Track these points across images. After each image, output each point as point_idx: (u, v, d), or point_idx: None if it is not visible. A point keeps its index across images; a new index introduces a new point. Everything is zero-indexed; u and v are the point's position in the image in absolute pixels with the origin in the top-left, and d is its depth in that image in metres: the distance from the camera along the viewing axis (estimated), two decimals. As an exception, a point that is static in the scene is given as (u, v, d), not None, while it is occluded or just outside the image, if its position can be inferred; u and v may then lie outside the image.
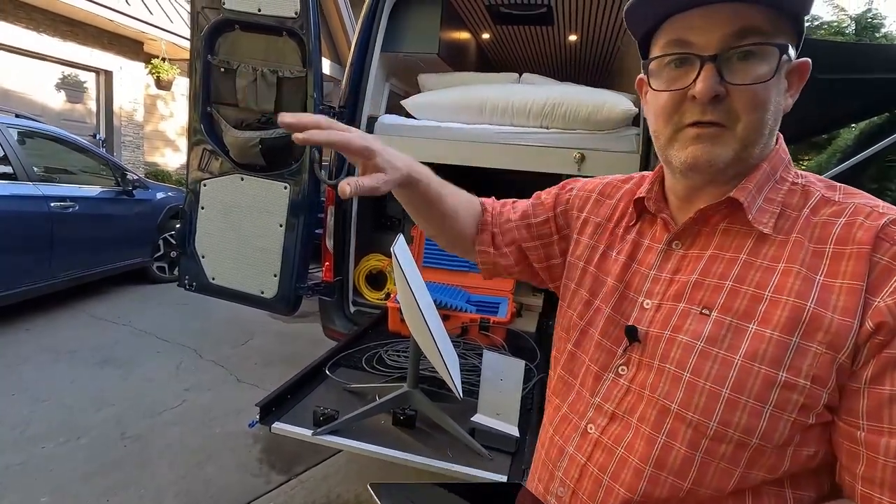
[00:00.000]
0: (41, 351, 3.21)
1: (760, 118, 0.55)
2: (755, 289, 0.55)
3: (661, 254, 0.64)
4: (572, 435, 0.65)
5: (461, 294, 2.29)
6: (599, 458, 0.61)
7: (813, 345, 0.50)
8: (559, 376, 0.73)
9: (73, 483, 2.07)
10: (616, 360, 0.63)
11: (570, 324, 0.72)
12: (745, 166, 0.59)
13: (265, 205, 2.39)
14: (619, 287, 0.67)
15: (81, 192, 3.84)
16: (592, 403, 0.64)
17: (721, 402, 0.53)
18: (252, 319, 3.86)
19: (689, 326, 0.57)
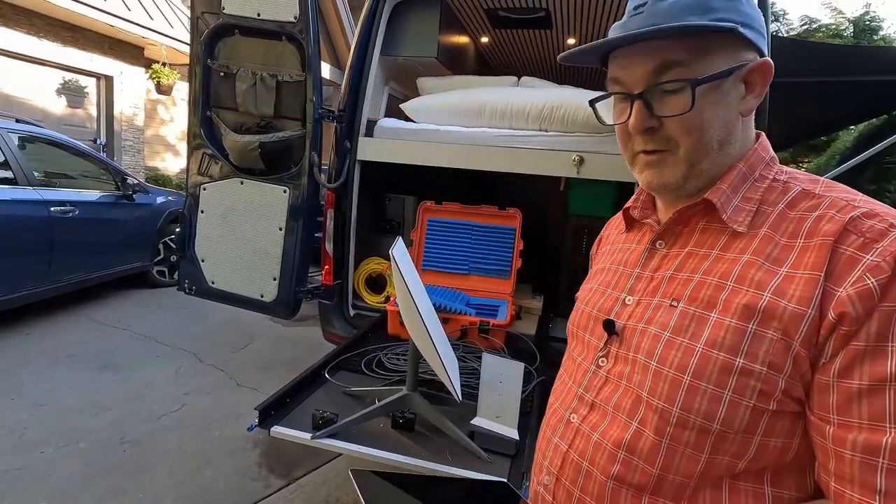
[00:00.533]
0: (41, 355, 3.21)
1: (699, 139, 0.59)
2: (719, 279, 0.58)
3: (645, 253, 0.69)
4: (558, 426, 0.69)
5: (460, 297, 2.29)
6: (579, 445, 0.65)
7: (769, 332, 0.52)
8: (557, 379, 0.77)
9: (71, 487, 2.07)
10: (598, 353, 0.67)
11: (569, 334, 0.78)
12: (708, 177, 0.62)
13: (265, 208, 2.40)
14: (606, 290, 0.72)
15: (81, 196, 3.84)
16: (577, 395, 0.68)
17: (682, 388, 0.56)
18: (252, 323, 3.86)
19: (658, 318, 0.61)
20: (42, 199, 3.45)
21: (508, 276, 2.41)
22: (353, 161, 2.42)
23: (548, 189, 2.86)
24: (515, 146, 2.22)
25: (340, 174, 2.42)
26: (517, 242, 2.40)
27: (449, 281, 2.46)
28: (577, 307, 0.78)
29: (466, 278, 2.47)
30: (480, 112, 2.33)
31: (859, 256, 0.50)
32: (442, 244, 2.50)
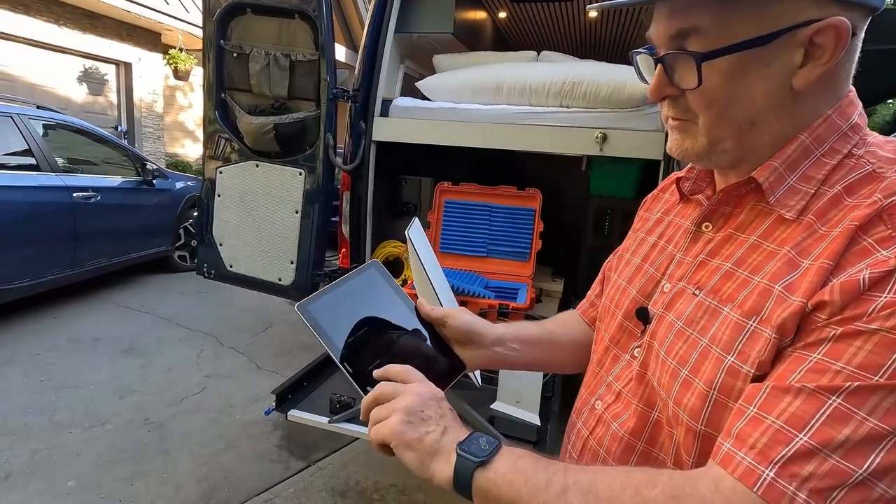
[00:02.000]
0: (68, 339, 3.28)
1: (719, 114, 0.52)
2: (748, 273, 0.51)
3: (689, 235, 0.61)
4: (583, 410, 0.67)
5: (479, 280, 2.25)
6: (598, 432, 0.62)
7: (766, 330, 0.47)
8: (589, 367, 0.72)
9: (98, 468, 2.11)
10: (634, 342, 0.63)
11: (604, 311, 0.72)
12: (735, 156, 0.54)
13: (280, 191, 2.37)
14: (648, 269, 0.65)
15: (103, 182, 3.88)
16: (605, 381, 0.65)
17: (678, 381, 0.52)
18: (271, 307, 3.88)
19: (678, 306, 0.57)
20: (64, 184, 3.50)
21: (528, 259, 2.35)
22: (369, 142, 2.37)
23: (569, 168, 2.77)
24: (535, 123, 2.14)
25: (356, 156, 2.37)
26: (537, 224, 2.34)
27: (467, 263, 2.42)
28: (616, 281, 0.71)
29: (485, 261, 2.42)
30: (498, 89, 2.25)
31: (873, 250, 0.43)
32: (459, 226, 2.45)
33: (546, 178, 2.71)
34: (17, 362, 2.93)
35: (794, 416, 0.41)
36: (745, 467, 0.42)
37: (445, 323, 0.70)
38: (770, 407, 0.43)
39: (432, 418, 0.53)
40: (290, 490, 2.05)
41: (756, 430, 0.42)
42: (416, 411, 0.53)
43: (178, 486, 2.03)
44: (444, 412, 0.55)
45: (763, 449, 0.41)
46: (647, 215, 0.74)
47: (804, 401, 0.41)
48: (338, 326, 0.63)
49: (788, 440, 0.41)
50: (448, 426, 0.53)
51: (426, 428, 0.53)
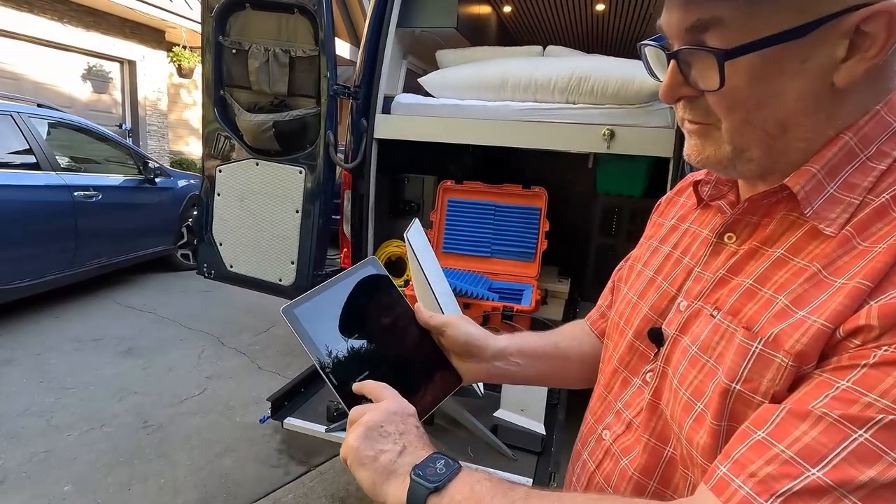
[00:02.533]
0: (68, 339, 3.26)
1: (745, 119, 0.45)
2: (773, 292, 0.44)
3: (709, 247, 0.54)
4: (589, 439, 0.62)
5: (483, 281, 2.19)
6: (606, 467, 0.57)
7: (779, 355, 0.41)
8: (596, 390, 0.66)
9: (95, 472, 2.08)
10: (647, 365, 0.56)
11: (612, 326, 0.65)
12: (763, 165, 0.47)
13: (281, 190, 2.33)
14: (662, 284, 0.58)
15: (104, 181, 3.85)
16: (614, 408, 0.59)
17: (692, 416, 0.47)
18: (273, 307, 3.80)
19: (694, 328, 0.50)
20: (65, 183, 3.47)
21: (533, 259, 2.29)
22: (370, 139, 2.32)
23: (575, 166, 2.71)
24: (540, 120, 2.08)
25: (357, 154, 2.32)
26: (542, 223, 2.28)
27: (470, 264, 2.36)
28: (626, 294, 0.64)
29: (489, 261, 2.36)
30: (503, 85, 2.19)
31: None
32: (463, 226, 2.39)
33: (552, 176, 2.65)
34: (17, 363, 2.91)
35: (808, 448, 0.36)
36: (741, 497, 0.37)
37: (444, 332, 0.65)
38: (781, 433, 0.37)
39: (391, 435, 0.49)
40: (289, 496, 2.01)
41: (760, 457, 0.37)
42: (376, 427, 0.49)
43: (176, 490, 2.00)
44: (406, 429, 0.50)
45: (765, 479, 0.36)
46: (661, 221, 0.67)
47: (823, 431, 0.36)
48: (326, 333, 0.58)
49: (797, 473, 0.35)
50: (407, 445, 0.49)
51: (382, 446, 0.48)
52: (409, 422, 0.51)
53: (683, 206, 0.65)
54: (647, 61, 0.52)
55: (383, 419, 0.50)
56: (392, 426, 0.49)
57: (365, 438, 0.48)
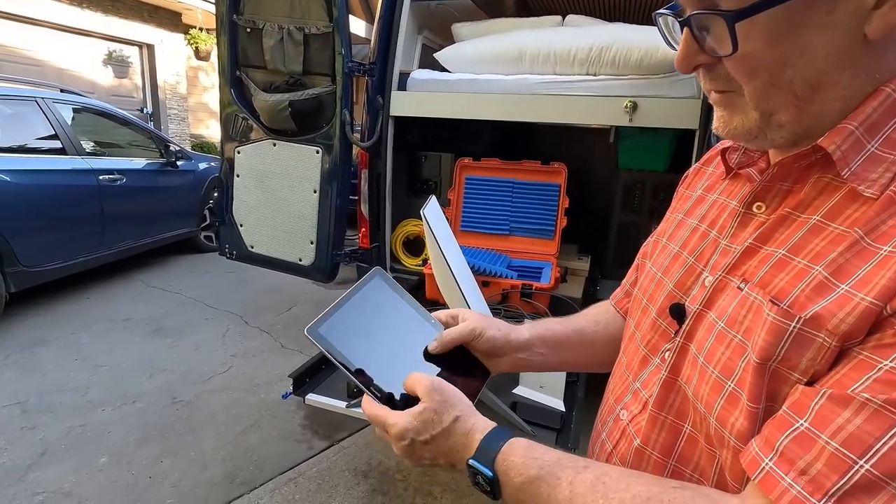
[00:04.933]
0: (100, 319, 3.36)
1: (768, 82, 0.41)
2: (807, 262, 0.41)
3: (737, 217, 0.51)
4: (607, 419, 0.60)
5: (501, 259, 2.17)
6: (622, 448, 0.55)
7: (821, 335, 0.38)
8: (616, 368, 0.64)
9: (128, 445, 2.16)
10: (666, 343, 0.54)
11: (635, 304, 0.63)
12: (796, 130, 0.43)
13: (298, 170, 2.33)
14: (687, 259, 0.55)
15: (128, 164, 3.92)
16: (632, 388, 0.57)
17: (723, 396, 0.44)
18: (295, 287, 3.89)
19: (720, 302, 0.47)
20: (91, 168, 3.54)
21: (553, 236, 2.26)
22: (386, 117, 2.29)
23: (596, 141, 2.65)
24: (560, 93, 2.03)
25: (373, 132, 2.30)
26: (562, 200, 2.24)
27: (489, 242, 2.34)
28: (650, 271, 0.62)
29: (507, 239, 2.34)
30: (521, 57, 2.13)
31: None
32: (481, 203, 2.37)
33: (572, 151, 2.59)
34: (53, 342, 3.02)
35: (853, 437, 0.34)
36: (792, 497, 0.35)
37: (467, 343, 0.63)
38: (824, 421, 0.35)
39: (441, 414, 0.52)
40: (313, 470, 2.06)
41: (807, 452, 0.35)
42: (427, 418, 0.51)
43: (204, 464, 2.07)
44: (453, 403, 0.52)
45: (817, 477, 0.34)
46: (687, 193, 0.64)
47: (868, 418, 0.34)
48: (355, 348, 0.57)
49: (846, 468, 0.33)
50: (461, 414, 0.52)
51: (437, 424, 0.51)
52: (452, 400, 0.52)
53: (711, 176, 0.61)
54: (662, 31, 0.49)
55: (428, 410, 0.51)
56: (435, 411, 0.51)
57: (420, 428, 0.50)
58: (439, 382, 0.52)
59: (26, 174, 3.14)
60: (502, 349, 0.64)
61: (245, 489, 1.95)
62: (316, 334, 0.56)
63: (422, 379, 0.53)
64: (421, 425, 0.50)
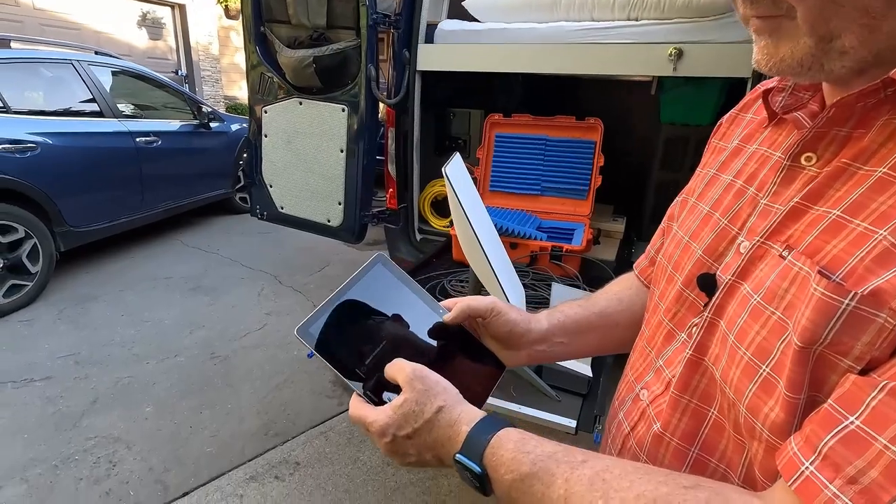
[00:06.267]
0: (143, 278, 3.51)
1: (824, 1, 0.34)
2: (869, 224, 0.34)
3: (781, 172, 0.43)
4: (626, 398, 0.55)
5: (531, 220, 2.10)
6: (640, 431, 0.50)
7: (882, 314, 0.31)
8: (637, 342, 0.59)
9: (171, 397, 2.28)
10: (694, 318, 0.48)
11: (659, 272, 0.57)
12: (864, 55, 0.35)
13: (325, 129, 2.30)
14: (719, 221, 0.48)
15: (162, 126, 3.98)
16: (655, 366, 0.52)
17: (756, 381, 0.38)
18: (327, 248, 3.94)
19: (758, 273, 0.41)
20: (127, 130, 3.61)
21: (586, 196, 2.16)
22: (413, 72, 2.21)
23: (635, 93, 2.48)
24: (598, 41, 1.88)
25: (399, 88, 2.22)
26: (597, 157, 2.12)
27: (519, 203, 2.26)
28: (676, 235, 0.55)
29: (538, 199, 2.25)
30: (555, 3, 1.98)
31: None
32: (511, 162, 2.28)
33: (609, 105, 2.44)
34: (101, 299, 3.18)
35: None
36: None
37: (483, 322, 0.58)
38: (882, 420, 0.29)
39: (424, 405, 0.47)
40: (343, 424, 2.12)
41: (859, 456, 0.29)
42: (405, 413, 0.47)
43: (241, 417, 2.16)
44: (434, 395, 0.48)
45: (871, 487, 0.29)
46: (721, 144, 0.56)
47: None
48: (350, 347, 0.52)
49: None
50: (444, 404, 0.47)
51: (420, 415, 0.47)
52: (434, 390, 0.47)
53: (750, 123, 0.53)
54: None
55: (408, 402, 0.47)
56: (416, 402, 0.47)
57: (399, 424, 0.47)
58: (421, 370, 0.48)
59: (67, 136, 3.23)
60: (520, 339, 0.58)
61: (279, 441, 2.03)
62: (306, 334, 0.52)
63: (403, 367, 0.48)
64: (402, 419, 0.46)
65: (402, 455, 0.47)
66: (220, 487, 1.81)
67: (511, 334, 0.58)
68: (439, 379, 0.48)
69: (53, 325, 2.85)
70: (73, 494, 1.76)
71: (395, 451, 0.47)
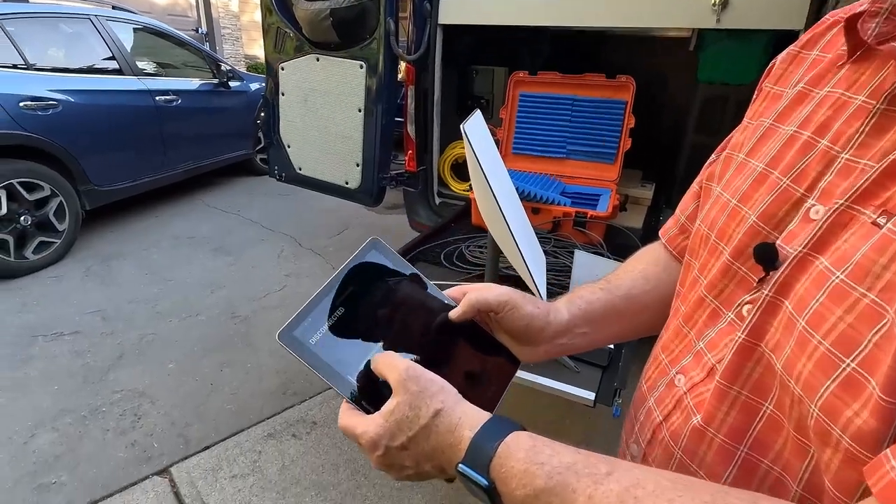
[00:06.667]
0: (167, 237, 3.56)
1: None
2: None
3: (870, 119, 0.35)
4: (658, 382, 0.48)
5: (555, 184, 2.01)
6: (675, 421, 0.43)
7: None
8: (671, 320, 0.51)
9: (193, 354, 2.32)
10: (746, 295, 0.41)
11: (698, 241, 0.49)
12: None
13: (342, 87, 2.22)
14: (779, 180, 0.40)
15: (182, 84, 3.94)
16: (694, 348, 0.44)
17: (836, 378, 0.30)
18: (348, 211, 3.92)
19: (841, 245, 0.34)
20: (147, 88, 3.59)
21: (614, 160, 2.06)
22: (434, 26, 2.09)
23: (671, 49, 2.32)
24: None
25: (420, 44, 2.12)
26: (627, 119, 2.00)
27: (543, 166, 2.17)
28: (720, 197, 0.47)
29: (564, 163, 2.15)
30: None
31: None
32: (536, 123, 2.17)
33: (642, 62, 2.29)
34: (126, 256, 3.24)
35: None
36: None
37: (497, 316, 0.51)
38: None
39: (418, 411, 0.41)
40: (360, 387, 2.13)
41: None
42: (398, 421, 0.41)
43: (260, 376, 2.19)
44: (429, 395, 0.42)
45: None
46: (777, 90, 0.47)
47: None
48: (342, 351, 0.46)
49: None
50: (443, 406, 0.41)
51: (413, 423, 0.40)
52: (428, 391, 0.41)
53: (817, 63, 0.44)
54: None
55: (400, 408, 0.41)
56: (409, 405, 0.40)
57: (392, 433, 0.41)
58: (414, 368, 0.41)
59: (88, 94, 3.22)
60: (539, 333, 0.51)
61: (297, 400, 2.06)
62: (289, 339, 0.45)
63: (395, 364, 0.42)
64: (394, 426, 0.40)
65: (398, 468, 0.42)
66: (239, 443, 1.85)
67: (528, 329, 0.51)
68: (434, 377, 0.42)
69: (81, 281, 2.92)
70: (101, 444, 1.83)
71: (389, 464, 0.42)
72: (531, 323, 0.50)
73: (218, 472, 1.73)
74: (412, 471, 0.42)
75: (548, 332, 0.51)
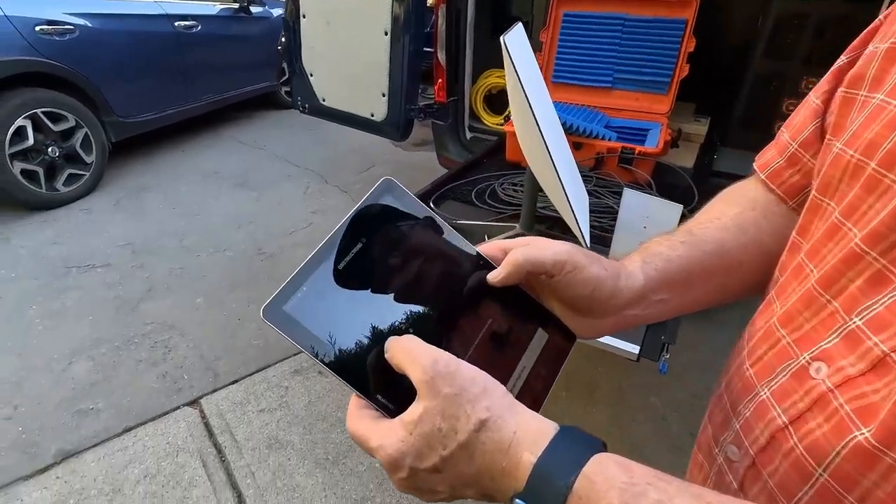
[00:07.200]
0: (193, 171, 3.52)
1: None
2: None
3: None
4: (776, 367, 0.34)
5: (598, 117, 1.83)
6: (814, 430, 0.30)
7: None
8: (791, 283, 0.36)
9: (220, 290, 2.32)
10: None
11: (839, 170, 0.34)
12: None
13: (367, 7, 2.03)
14: None
15: (201, 9, 3.75)
16: (844, 327, 0.30)
17: None
18: (375, 147, 3.78)
19: None
20: (165, 13, 3.42)
21: (667, 91, 1.84)
22: (469, -68, 1.85)
23: None
24: None
25: (453, -47, 1.89)
26: (686, 41, 1.77)
27: (586, 97, 1.98)
28: (878, 107, 0.32)
29: (609, 94, 1.95)
30: None
31: None
32: (580, 47, 1.95)
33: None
34: (155, 189, 3.23)
35: None
36: None
37: (552, 280, 0.38)
38: None
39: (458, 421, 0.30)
40: (385, 327, 2.10)
41: None
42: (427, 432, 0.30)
43: (286, 312, 2.18)
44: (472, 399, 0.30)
45: None
46: None
47: None
48: (344, 328, 0.34)
49: None
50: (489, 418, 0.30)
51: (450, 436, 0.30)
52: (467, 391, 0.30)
53: None
54: None
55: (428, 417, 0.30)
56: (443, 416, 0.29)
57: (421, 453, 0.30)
58: (447, 361, 0.30)
59: (104, 18, 3.08)
60: (606, 303, 0.38)
61: (323, 338, 2.05)
62: (276, 315, 0.33)
63: (416, 355, 0.31)
64: (421, 442, 0.29)
65: (428, 493, 0.32)
66: (266, 378, 1.86)
67: (593, 297, 0.38)
68: (474, 372, 0.31)
69: (111, 214, 2.93)
70: (134, 374, 1.87)
71: (415, 487, 0.31)
72: (597, 289, 0.38)
73: (246, 406, 1.76)
74: (446, 495, 0.32)
75: (618, 300, 0.39)
